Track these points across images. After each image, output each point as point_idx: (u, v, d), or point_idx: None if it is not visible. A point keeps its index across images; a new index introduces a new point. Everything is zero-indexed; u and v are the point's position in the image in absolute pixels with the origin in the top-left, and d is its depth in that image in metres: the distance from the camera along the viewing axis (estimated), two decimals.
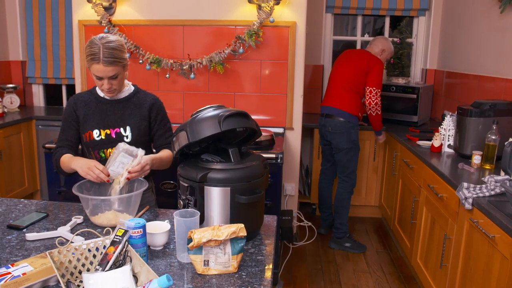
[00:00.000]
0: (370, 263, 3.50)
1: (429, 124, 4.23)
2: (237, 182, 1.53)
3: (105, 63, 1.85)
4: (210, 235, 1.34)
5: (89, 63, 1.88)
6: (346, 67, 3.63)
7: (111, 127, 2.04)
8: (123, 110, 2.06)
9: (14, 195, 4.07)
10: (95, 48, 1.85)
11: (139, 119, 2.07)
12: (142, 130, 2.08)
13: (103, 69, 1.87)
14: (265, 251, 1.56)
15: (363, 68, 3.56)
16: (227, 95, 3.56)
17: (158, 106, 2.14)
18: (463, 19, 3.89)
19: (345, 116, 3.57)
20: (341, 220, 3.75)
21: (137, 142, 2.05)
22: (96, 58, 1.84)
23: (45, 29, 4.66)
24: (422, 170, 2.99)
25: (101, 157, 2.05)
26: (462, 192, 2.23)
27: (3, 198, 2.02)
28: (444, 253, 2.54)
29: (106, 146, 2.04)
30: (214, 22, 3.44)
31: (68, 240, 1.43)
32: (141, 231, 1.40)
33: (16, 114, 4.30)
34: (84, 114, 2.05)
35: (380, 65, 3.58)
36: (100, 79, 1.91)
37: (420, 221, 2.99)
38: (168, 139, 2.14)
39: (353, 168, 3.69)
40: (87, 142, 2.04)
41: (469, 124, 2.82)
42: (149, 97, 2.13)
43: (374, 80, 3.55)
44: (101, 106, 2.06)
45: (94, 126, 2.03)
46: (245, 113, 1.62)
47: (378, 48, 3.72)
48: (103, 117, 2.04)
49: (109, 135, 2.03)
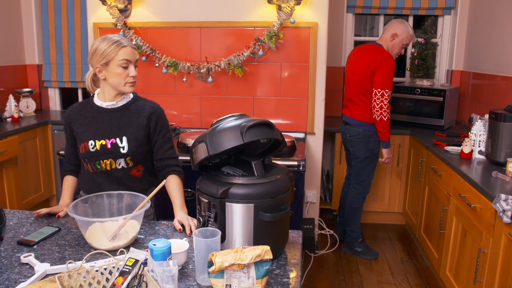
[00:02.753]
0: (395, 274, 3.35)
1: (455, 127, 4.06)
2: (261, 198, 1.42)
3: (131, 45, 1.86)
4: (232, 259, 1.23)
5: (114, 51, 1.82)
6: (354, 71, 3.40)
7: (107, 137, 1.91)
8: (119, 119, 1.94)
9: (30, 200, 4.02)
10: (115, 37, 1.85)
11: (137, 129, 1.93)
12: (139, 141, 1.94)
13: (131, 51, 1.86)
14: (291, 272, 1.44)
15: (370, 70, 3.27)
16: (246, 99, 3.45)
17: (158, 115, 1.99)
18: (491, 17, 3.71)
19: (363, 125, 3.40)
20: (351, 227, 3.64)
21: (134, 154, 1.93)
22: (123, 43, 1.84)
23: (61, 32, 4.61)
24: (451, 178, 2.83)
25: (97, 169, 1.93)
26: (500, 204, 2.08)
27: (15, 211, 1.94)
28: (478, 267, 2.38)
29: (102, 157, 1.91)
30: (232, 24, 3.33)
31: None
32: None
33: (32, 119, 4.25)
34: (79, 125, 1.95)
35: (387, 63, 3.22)
36: (126, 67, 1.85)
37: (450, 231, 2.84)
38: (166, 152, 2.00)
39: (366, 176, 3.54)
40: (83, 154, 1.93)
41: (503, 130, 2.66)
42: (148, 105, 1.99)
43: (379, 81, 3.21)
44: (97, 115, 1.94)
45: (90, 137, 1.91)
46: (269, 123, 1.51)
47: (390, 33, 3.35)
48: (98, 126, 1.92)
49: (104, 146, 1.90)
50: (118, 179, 1.95)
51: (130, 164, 1.95)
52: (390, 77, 3.24)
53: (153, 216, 2.10)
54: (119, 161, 1.93)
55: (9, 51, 4.52)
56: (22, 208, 3.85)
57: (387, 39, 3.38)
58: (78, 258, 1.52)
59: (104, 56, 1.83)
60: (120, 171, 1.94)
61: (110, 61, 1.83)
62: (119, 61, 1.83)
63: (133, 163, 1.95)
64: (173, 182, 1.96)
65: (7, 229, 1.74)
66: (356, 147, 3.47)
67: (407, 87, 4.07)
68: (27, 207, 3.97)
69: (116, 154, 1.91)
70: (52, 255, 1.54)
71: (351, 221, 3.63)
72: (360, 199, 3.60)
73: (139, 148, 1.95)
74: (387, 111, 3.24)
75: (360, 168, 3.52)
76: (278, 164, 1.65)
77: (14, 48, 4.58)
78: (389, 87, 3.24)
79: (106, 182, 1.94)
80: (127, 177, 1.97)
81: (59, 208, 1.89)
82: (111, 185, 1.93)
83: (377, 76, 3.24)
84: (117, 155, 1.92)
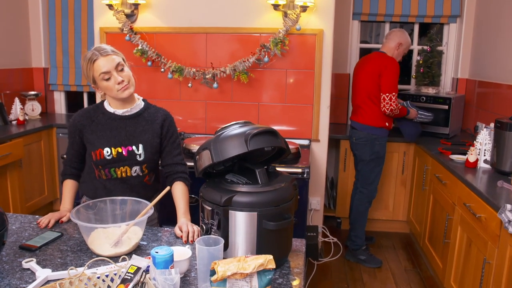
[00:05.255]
0: (399, 283, 3.32)
1: (460, 136, 4.03)
2: (264, 206, 1.41)
3: (103, 54, 1.82)
4: (235, 268, 1.22)
5: (91, 69, 1.83)
6: (361, 78, 3.49)
7: (123, 145, 1.91)
8: (134, 126, 1.94)
9: (34, 203, 4.02)
10: (89, 53, 1.84)
11: (152, 136, 1.95)
12: (154, 147, 1.96)
13: (105, 60, 1.82)
14: (294, 281, 1.42)
15: (376, 75, 3.38)
16: (250, 105, 3.44)
17: (170, 122, 2.01)
18: (497, 26, 3.70)
19: (368, 129, 3.47)
20: (356, 233, 3.63)
21: (150, 161, 1.95)
22: (93, 57, 1.82)
23: (68, 36, 4.63)
24: (456, 187, 2.81)
25: (112, 176, 1.93)
26: (505, 215, 2.06)
27: (18, 215, 1.94)
28: (483, 278, 2.36)
29: (118, 164, 1.92)
30: (238, 30, 3.33)
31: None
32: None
33: (37, 122, 4.26)
34: (91, 131, 1.93)
35: (392, 67, 3.35)
36: (108, 78, 1.83)
37: (455, 241, 2.82)
38: (175, 158, 2.01)
39: (372, 179, 3.56)
40: (97, 161, 1.91)
41: (509, 139, 2.64)
42: (160, 112, 2.01)
43: (386, 85, 3.33)
44: (111, 122, 1.93)
45: (105, 144, 1.90)
46: (273, 131, 1.50)
47: (395, 43, 3.47)
48: (113, 134, 1.92)
49: (120, 154, 1.91)
50: (132, 186, 1.95)
51: (145, 172, 1.96)
52: (395, 81, 3.37)
53: (157, 221, 2.10)
54: (134, 169, 1.93)
55: (16, 54, 4.54)
56: (25, 211, 3.85)
57: (392, 48, 3.48)
58: (80, 264, 1.51)
59: (87, 75, 1.87)
60: (135, 179, 1.95)
61: (94, 78, 1.85)
62: (98, 77, 1.84)
63: (148, 170, 1.97)
64: (178, 188, 1.96)
65: (9, 233, 1.73)
66: (362, 150, 3.51)
67: (412, 94, 4.05)
68: (31, 210, 3.97)
69: (132, 162, 1.92)
70: (54, 260, 1.53)
71: (356, 226, 3.62)
72: (365, 203, 3.60)
73: (154, 155, 1.96)
74: (397, 109, 3.38)
75: (366, 171, 3.55)
76: (283, 171, 1.64)
77: (20, 51, 4.61)
78: (395, 90, 3.36)
79: (119, 189, 1.94)
80: (141, 185, 1.97)
81: (62, 214, 1.89)
82: (124, 193, 1.92)
83: (383, 80, 3.34)
84: (133, 162, 1.92)
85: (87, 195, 2.01)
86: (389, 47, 3.49)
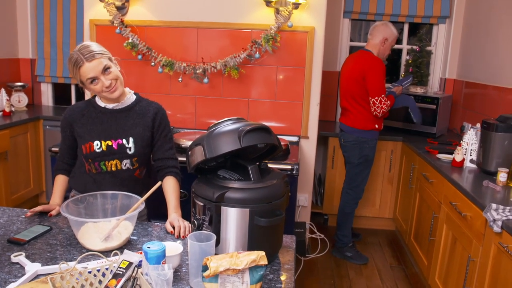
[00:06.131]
0: (385, 279, 3.36)
1: (447, 135, 4.09)
2: (256, 202, 1.41)
3: (88, 59, 1.77)
4: (228, 264, 1.22)
5: (77, 73, 1.81)
6: (346, 79, 3.43)
7: (113, 138, 1.90)
8: (125, 120, 1.93)
9: (19, 196, 3.98)
10: (74, 56, 1.79)
11: (143, 129, 1.94)
12: (145, 141, 1.95)
13: (90, 66, 1.78)
14: (284, 278, 1.44)
15: (360, 76, 3.28)
16: (240, 101, 3.44)
17: (162, 115, 2.00)
18: (485, 28, 3.75)
19: (356, 132, 3.43)
20: (342, 232, 3.66)
21: (140, 154, 1.94)
22: (79, 62, 1.78)
23: (56, 27, 4.57)
24: (442, 186, 2.85)
25: (102, 170, 1.92)
26: (491, 214, 2.09)
27: (6, 208, 1.91)
28: (467, 275, 2.40)
29: (108, 158, 1.91)
30: (230, 25, 3.33)
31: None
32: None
33: (24, 114, 4.21)
34: (82, 125, 1.92)
35: (377, 68, 3.25)
36: (94, 81, 1.81)
37: (440, 238, 2.86)
38: (166, 152, 2.00)
39: (359, 182, 3.56)
40: (87, 154, 1.90)
41: (495, 139, 2.69)
42: (152, 105, 2.00)
43: (374, 89, 3.24)
44: (101, 116, 1.92)
45: (95, 137, 1.90)
46: (266, 128, 1.50)
47: (379, 39, 3.36)
48: (104, 127, 1.91)
49: (110, 147, 1.90)
50: (122, 180, 1.94)
51: (135, 165, 1.95)
52: (382, 82, 3.29)
53: (146, 217, 2.09)
54: (125, 162, 1.92)
55: (2, 44, 4.47)
56: (10, 204, 3.81)
57: (377, 44, 3.40)
58: (70, 258, 1.50)
59: (74, 77, 1.84)
60: (125, 172, 1.94)
61: (81, 81, 1.84)
62: (86, 81, 1.82)
63: (138, 164, 1.96)
64: (169, 183, 1.95)
65: None
66: (350, 153, 3.50)
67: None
68: (16, 202, 3.93)
69: (123, 155, 1.91)
70: (43, 254, 1.52)
71: (343, 226, 3.65)
72: (352, 204, 3.61)
73: (145, 149, 1.95)
74: (388, 108, 3.32)
75: (353, 174, 3.54)
76: (272, 167, 1.65)
77: (7, 41, 4.53)
78: (383, 91, 3.29)
79: (109, 183, 1.92)
80: (131, 178, 1.96)
81: (51, 207, 1.88)
82: (114, 186, 1.90)
83: (369, 84, 3.27)
84: (123, 155, 1.91)
85: (76, 189, 2.00)
86: (373, 44, 3.40)
